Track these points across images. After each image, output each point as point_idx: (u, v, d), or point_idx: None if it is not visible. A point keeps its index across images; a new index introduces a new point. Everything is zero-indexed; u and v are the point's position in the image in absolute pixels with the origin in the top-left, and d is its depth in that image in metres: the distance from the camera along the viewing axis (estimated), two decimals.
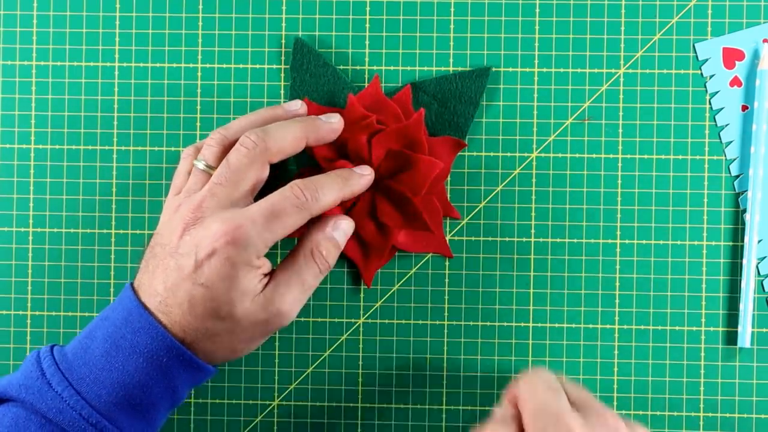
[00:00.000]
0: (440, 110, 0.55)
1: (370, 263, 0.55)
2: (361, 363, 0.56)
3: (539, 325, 0.56)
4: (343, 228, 0.51)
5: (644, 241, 0.55)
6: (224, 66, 0.56)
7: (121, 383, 0.46)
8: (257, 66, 0.56)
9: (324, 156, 0.53)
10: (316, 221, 0.50)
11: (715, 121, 0.55)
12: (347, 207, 0.54)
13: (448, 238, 0.56)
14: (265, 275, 0.48)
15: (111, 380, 0.46)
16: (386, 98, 0.54)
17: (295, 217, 0.48)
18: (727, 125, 0.55)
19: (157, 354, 0.47)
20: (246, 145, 0.48)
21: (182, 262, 0.47)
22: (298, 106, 0.53)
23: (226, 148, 0.50)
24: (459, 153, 0.56)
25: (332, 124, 0.52)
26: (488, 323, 0.56)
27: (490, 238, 0.56)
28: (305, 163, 0.55)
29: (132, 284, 0.49)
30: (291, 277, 0.49)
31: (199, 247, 0.46)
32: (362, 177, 0.52)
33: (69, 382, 0.46)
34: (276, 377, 0.56)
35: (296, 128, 0.50)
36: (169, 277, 0.47)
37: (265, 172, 0.49)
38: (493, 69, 0.56)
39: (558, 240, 0.56)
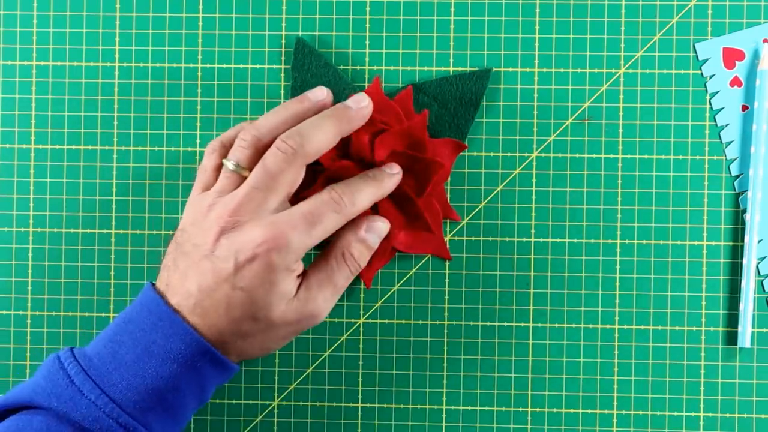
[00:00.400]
0: (440, 111, 0.55)
1: (371, 264, 0.55)
2: (361, 363, 0.56)
3: (539, 325, 0.56)
4: (377, 229, 0.52)
5: (644, 241, 0.55)
6: (224, 66, 0.56)
7: (154, 388, 0.46)
8: (257, 66, 0.56)
9: (326, 155, 0.53)
10: (349, 222, 0.51)
11: (715, 121, 0.55)
12: None
13: (447, 238, 0.56)
14: (299, 277, 0.49)
15: (145, 386, 0.46)
16: (387, 99, 0.54)
17: (334, 221, 0.49)
18: (727, 125, 0.55)
19: (191, 358, 0.46)
20: (284, 150, 0.48)
21: (220, 265, 0.47)
22: (324, 95, 0.52)
23: (259, 150, 0.50)
24: (460, 153, 0.55)
25: (362, 109, 0.51)
26: (488, 323, 0.56)
27: (490, 239, 0.56)
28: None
29: (154, 285, 0.49)
30: (323, 279, 0.50)
31: (239, 252, 0.46)
32: (392, 176, 0.52)
33: (102, 390, 0.46)
34: (276, 377, 0.56)
35: (331, 126, 0.50)
36: (204, 279, 0.47)
37: (302, 175, 0.49)
38: (494, 69, 0.56)
39: (558, 240, 0.56)
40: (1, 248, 0.57)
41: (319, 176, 0.53)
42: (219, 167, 0.51)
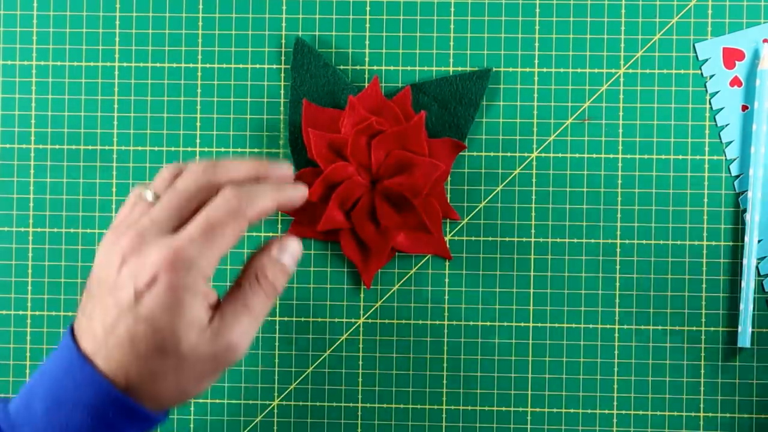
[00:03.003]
0: (440, 112, 0.55)
1: (370, 264, 0.55)
2: (361, 363, 0.56)
3: (539, 325, 0.56)
4: (291, 250, 0.47)
5: (644, 241, 0.55)
6: (224, 66, 0.56)
7: None
8: (257, 66, 0.56)
9: (324, 157, 0.53)
10: (262, 247, 0.47)
11: (715, 121, 0.55)
12: (347, 208, 0.54)
13: (447, 238, 0.56)
14: (211, 307, 0.44)
15: None
16: (386, 99, 0.54)
17: (233, 225, 0.44)
18: (727, 125, 0.55)
19: (102, 409, 0.43)
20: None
21: (120, 295, 0.42)
22: (286, 171, 0.48)
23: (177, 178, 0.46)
24: (460, 153, 0.55)
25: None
26: (488, 323, 0.56)
27: (490, 238, 0.56)
28: (304, 165, 0.55)
29: (72, 330, 0.45)
30: (237, 306, 0.45)
31: (137, 277, 0.42)
32: (296, 189, 0.47)
33: None
34: (276, 377, 0.56)
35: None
36: (107, 316, 0.43)
37: (236, 241, 0.45)
38: (494, 69, 0.56)
39: (558, 240, 0.56)
40: (1, 248, 0.57)
41: (316, 179, 0.53)
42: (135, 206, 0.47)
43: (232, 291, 0.45)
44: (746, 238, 0.55)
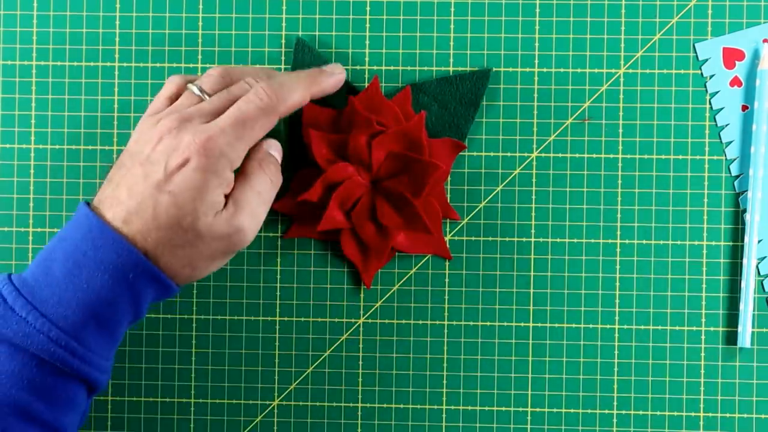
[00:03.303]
0: (440, 112, 0.55)
1: (370, 264, 0.55)
2: (361, 363, 0.56)
3: (539, 325, 0.56)
4: (274, 145, 0.51)
5: (644, 241, 0.55)
6: None
7: (86, 302, 0.45)
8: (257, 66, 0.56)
9: (324, 156, 0.53)
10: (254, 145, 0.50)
11: (715, 121, 0.55)
12: (347, 208, 0.54)
13: (447, 238, 0.56)
14: (226, 195, 0.48)
15: (76, 299, 0.45)
16: (386, 99, 0.54)
17: (263, 120, 0.48)
18: (727, 125, 0.55)
19: (122, 269, 0.45)
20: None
21: (151, 169, 0.46)
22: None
23: (227, 83, 0.50)
24: (460, 153, 0.55)
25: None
26: (488, 323, 0.56)
27: (490, 238, 0.56)
28: (304, 165, 0.55)
29: (87, 203, 0.48)
30: (246, 190, 0.48)
31: (171, 157, 0.46)
32: (332, 75, 0.52)
33: (33, 306, 0.45)
34: (276, 377, 0.56)
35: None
36: (135, 186, 0.46)
37: (269, 129, 0.49)
38: (494, 69, 0.56)
39: (558, 240, 0.56)
40: (1, 248, 0.57)
41: (316, 179, 0.53)
42: (174, 97, 0.51)
43: (238, 179, 0.49)
44: (746, 238, 0.55)
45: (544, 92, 0.56)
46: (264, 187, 0.49)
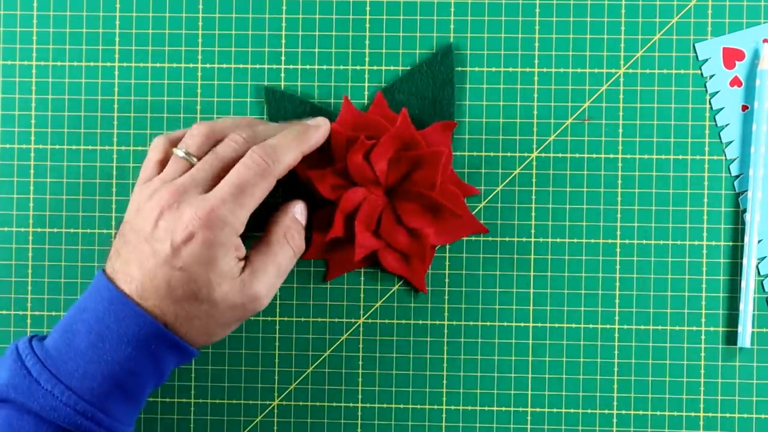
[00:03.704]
0: (421, 103, 0.55)
1: (415, 270, 0.55)
2: (361, 363, 0.56)
3: (539, 325, 0.56)
4: (300, 210, 0.52)
5: (644, 241, 0.55)
6: (224, 66, 0.56)
7: (111, 373, 0.46)
8: (257, 66, 0.56)
9: (332, 193, 0.53)
10: (281, 207, 0.52)
11: (715, 121, 0.55)
12: (373, 228, 0.53)
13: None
14: (241, 259, 0.49)
15: (101, 372, 0.46)
16: (364, 113, 0.54)
17: (262, 184, 0.48)
18: (727, 125, 0.55)
19: (145, 341, 0.46)
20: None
21: (158, 247, 0.47)
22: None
23: (211, 142, 0.50)
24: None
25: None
26: (488, 323, 0.56)
27: (490, 238, 0.56)
28: (312, 206, 0.54)
29: (105, 272, 0.48)
30: (266, 260, 0.49)
31: (175, 233, 0.46)
32: (319, 129, 0.52)
33: (58, 379, 0.46)
34: (276, 377, 0.56)
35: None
36: (145, 262, 0.47)
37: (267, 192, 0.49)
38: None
39: (558, 240, 0.56)
40: (1, 248, 0.57)
41: (334, 214, 0.53)
42: (163, 162, 0.51)
43: (259, 246, 0.50)
44: (746, 238, 0.55)
45: (544, 92, 0.56)
46: (285, 259, 0.50)
